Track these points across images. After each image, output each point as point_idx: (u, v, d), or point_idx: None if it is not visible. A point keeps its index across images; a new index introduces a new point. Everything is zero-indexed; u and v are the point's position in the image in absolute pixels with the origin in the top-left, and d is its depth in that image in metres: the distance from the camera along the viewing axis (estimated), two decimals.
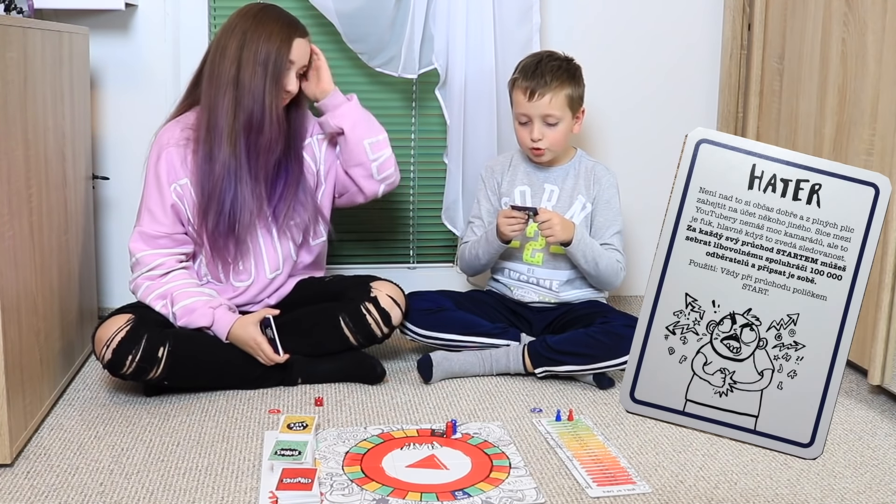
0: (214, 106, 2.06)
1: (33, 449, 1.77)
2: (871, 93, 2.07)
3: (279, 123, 2.08)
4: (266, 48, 2.05)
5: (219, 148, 2.05)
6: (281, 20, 2.10)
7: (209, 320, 2.04)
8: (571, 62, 2.29)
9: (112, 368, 1.95)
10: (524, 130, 2.28)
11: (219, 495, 1.60)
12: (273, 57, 2.05)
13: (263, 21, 2.08)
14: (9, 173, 1.67)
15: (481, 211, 2.40)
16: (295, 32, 2.10)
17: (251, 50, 2.05)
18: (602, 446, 1.82)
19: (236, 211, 2.08)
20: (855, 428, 1.95)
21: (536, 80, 2.22)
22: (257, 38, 2.05)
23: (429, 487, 1.62)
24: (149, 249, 2.08)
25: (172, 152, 2.08)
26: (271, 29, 2.07)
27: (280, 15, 2.12)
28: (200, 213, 2.08)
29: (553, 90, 2.22)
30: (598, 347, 2.10)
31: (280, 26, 2.08)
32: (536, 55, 2.31)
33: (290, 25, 2.11)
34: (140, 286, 2.08)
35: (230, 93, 2.05)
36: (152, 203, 2.08)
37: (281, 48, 2.06)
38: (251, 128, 2.05)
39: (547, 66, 2.24)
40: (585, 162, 2.36)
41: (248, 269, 2.18)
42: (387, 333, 2.16)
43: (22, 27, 1.74)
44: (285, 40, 2.07)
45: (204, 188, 2.06)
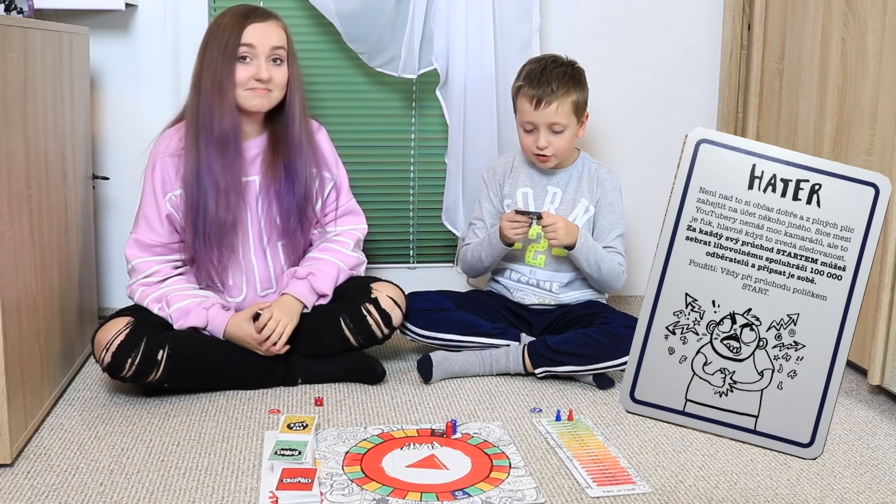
0: (188, 113, 2.09)
1: (33, 449, 1.77)
2: (871, 93, 2.07)
3: (231, 117, 2.05)
4: (218, 42, 2.05)
5: (193, 153, 2.05)
6: (237, 12, 2.08)
7: (203, 321, 2.04)
8: (575, 66, 2.28)
9: (112, 371, 1.95)
10: (529, 138, 2.27)
11: (219, 495, 1.60)
12: (223, 48, 2.04)
13: (220, 19, 2.09)
14: (9, 173, 1.67)
15: (483, 213, 2.40)
16: (248, 19, 2.07)
17: (209, 52, 2.06)
18: (602, 446, 1.82)
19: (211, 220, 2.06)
20: (855, 428, 1.95)
21: (542, 88, 2.21)
22: (214, 38, 2.06)
23: (429, 487, 1.62)
24: (144, 256, 2.08)
25: (167, 162, 2.08)
26: (225, 23, 2.07)
27: (241, 8, 2.10)
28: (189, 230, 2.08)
29: (560, 98, 2.21)
30: (598, 348, 2.10)
31: (233, 18, 2.07)
32: (540, 60, 2.29)
33: (244, 14, 2.08)
34: (136, 292, 2.08)
35: (193, 99, 2.07)
36: (149, 211, 2.09)
37: (231, 37, 2.04)
38: (202, 127, 2.05)
39: (553, 72, 2.22)
40: (589, 164, 2.36)
41: (238, 286, 2.17)
42: (387, 334, 2.16)
43: (22, 27, 1.74)
44: (236, 28, 2.05)
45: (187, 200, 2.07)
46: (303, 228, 2.19)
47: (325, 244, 2.22)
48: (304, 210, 2.17)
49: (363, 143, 2.71)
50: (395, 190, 2.77)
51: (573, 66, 2.28)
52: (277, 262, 2.20)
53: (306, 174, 2.16)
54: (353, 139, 2.69)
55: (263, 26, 2.07)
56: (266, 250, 2.17)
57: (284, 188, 2.14)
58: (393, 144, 2.74)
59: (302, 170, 2.15)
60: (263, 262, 2.18)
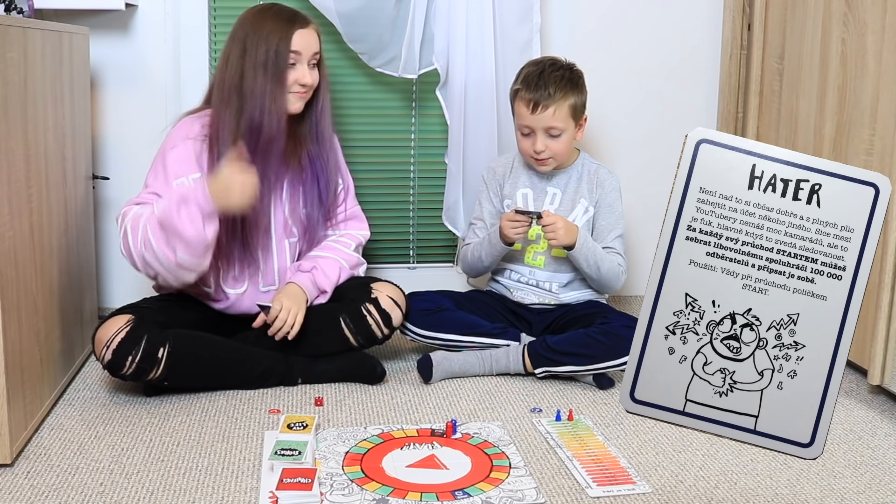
0: (220, 115, 2.06)
1: (33, 449, 1.77)
2: (871, 93, 2.07)
3: (279, 122, 2.06)
4: (265, 48, 2.05)
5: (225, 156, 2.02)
6: (279, 16, 2.09)
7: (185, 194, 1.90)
8: (574, 69, 2.27)
9: (112, 369, 1.95)
10: (527, 141, 2.27)
11: (219, 495, 1.60)
12: (273, 56, 2.05)
13: (261, 22, 2.07)
14: (9, 173, 1.67)
15: (483, 212, 2.40)
16: (294, 25, 2.08)
17: (251, 55, 2.05)
18: (602, 446, 1.82)
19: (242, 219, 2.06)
20: (855, 428, 1.95)
21: (540, 91, 2.20)
22: (256, 42, 2.05)
23: (429, 487, 1.62)
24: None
25: (190, 145, 2.06)
26: (269, 28, 2.06)
27: (279, 11, 2.11)
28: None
29: (557, 102, 2.20)
30: (598, 348, 2.10)
31: (277, 23, 2.07)
32: (538, 63, 2.28)
33: (289, 20, 2.09)
34: (129, 212, 1.97)
35: (234, 103, 2.05)
36: (158, 188, 2.04)
37: (280, 44, 2.05)
38: (251, 131, 2.04)
39: (550, 76, 2.21)
40: (588, 165, 2.36)
41: (241, 278, 2.16)
42: (387, 334, 2.16)
43: (22, 27, 1.74)
44: (284, 35, 2.06)
45: None
46: (324, 222, 2.22)
47: (327, 244, 2.24)
48: (328, 201, 2.21)
49: (363, 143, 2.71)
50: (395, 190, 2.77)
51: (571, 69, 2.27)
52: (284, 259, 2.20)
53: (329, 168, 2.20)
54: (353, 139, 2.69)
55: (307, 33, 2.09)
56: (277, 246, 2.18)
57: (309, 179, 2.17)
58: (393, 144, 2.74)
59: (326, 163, 2.19)
60: (270, 259, 2.18)
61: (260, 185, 2.03)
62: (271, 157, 2.09)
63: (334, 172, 2.23)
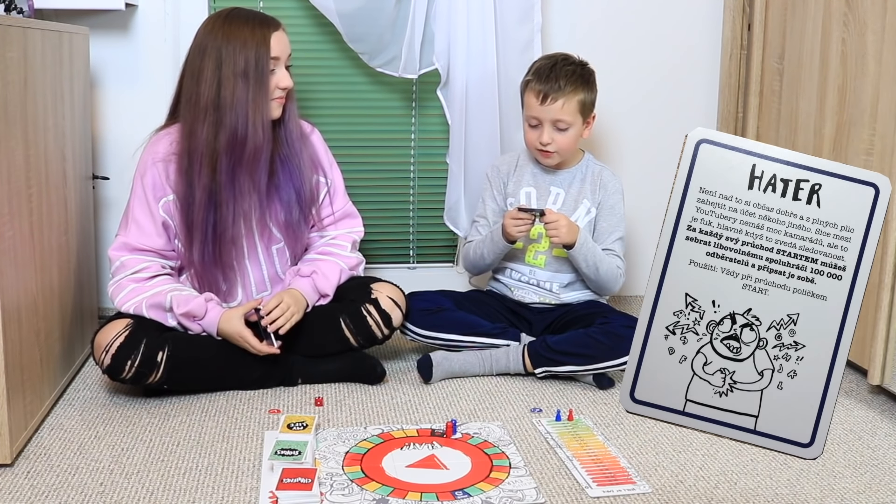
0: (193, 131, 2.01)
1: (33, 449, 1.77)
2: (871, 93, 2.07)
3: (264, 131, 2.02)
4: (244, 57, 1.99)
5: (199, 174, 2.01)
6: (251, 23, 2.02)
7: (202, 311, 2.01)
8: (586, 67, 2.27)
9: (111, 374, 1.95)
10: (533, 132, 2.27)
11: (219, 495, 1.60)
12: (253, 63, 1.99)
13: (234, 30, 2.00)
14: (9, 173, 1.67)
15: (486, 210, 2.40)
16: (269, 29, 2.03)
17: (229, 66, 1.99)
18: (602, 446, 1.82)
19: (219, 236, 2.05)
20: (855, 428, 1.95)
21: (550, 83, 2.21)
22: (233, 51, 1.99)
23: (429, 487, 1.62)
24: (133, 255, 2.04)
25: (156, 171, 2.04)
26: (244, 35, 2.00)
27: (247, 17, 2.04)
28: (186, 243, 2.05)
29: (566, 95, 2.21)
30: (598, 348, 2.10)
31: (251, 29, 2.01)
32: (551, 58, 2.28)
33: (261, 25, 2.03)
34: (125, 287, 2.02)
35: (210, 116, 1.99)
36: (140, 215, 2.04)
37: (259, 51, 2.00)
38: (234, 144, 2.00)
39: (562, 70, 2.22)
40: (592, 166, 2.36)
41: (233, 293, 2.16)
42: (387, 335, 2.16)
43: (22, 27, 1.74)
44: (262, 41, 2.00)
45: (186, 216, 2.03)
46: (305, 222, 2.18)
47: (323, 248, 2.22)
48: (304, 204, 2.16)
49: (363, 143, 2.71)
50: (396, 190, 2.77)
51: (584, 66, 2.27)
52: (272, 265, 2.19)
53: (304, 167, 2.15)
54: (353, 139, 2.69)
55: (281, 35, 2.05)
56: (262, 254, 2.16)
57: (283, 182, 2.12)
58: (393, 144, 2.74)
59: (300, 163, 2.14)
60: (258, 267, 2.16)
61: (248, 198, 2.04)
62: (258, 166, 2.05)
63: (310, 170, 2.17)
